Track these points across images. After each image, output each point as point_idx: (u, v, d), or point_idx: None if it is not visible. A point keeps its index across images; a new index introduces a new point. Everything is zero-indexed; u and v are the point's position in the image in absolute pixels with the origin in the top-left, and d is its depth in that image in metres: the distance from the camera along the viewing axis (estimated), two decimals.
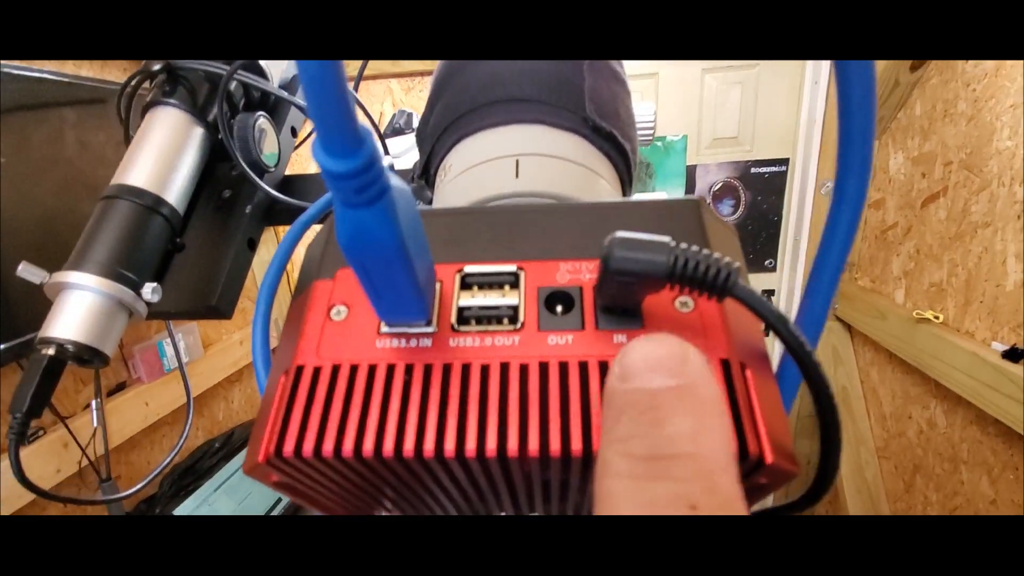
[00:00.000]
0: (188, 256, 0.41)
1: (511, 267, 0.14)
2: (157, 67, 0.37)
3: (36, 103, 1.01)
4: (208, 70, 0.39)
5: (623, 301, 0.12)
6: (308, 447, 0.12)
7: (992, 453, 1.02)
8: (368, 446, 0.11)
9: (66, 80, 1.07)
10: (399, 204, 0.10)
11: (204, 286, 0.40)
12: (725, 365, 0.12)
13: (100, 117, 1.13)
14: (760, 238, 1.64)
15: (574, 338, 0.12)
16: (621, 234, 0.11)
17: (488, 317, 0.13)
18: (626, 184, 0.27)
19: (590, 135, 0.24)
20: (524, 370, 0.12)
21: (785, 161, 1.57)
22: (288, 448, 0.12)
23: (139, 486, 0.40)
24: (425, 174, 0.29)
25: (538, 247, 0.14)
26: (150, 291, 0.34)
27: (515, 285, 0.14)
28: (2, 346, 0.86)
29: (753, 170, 1.59)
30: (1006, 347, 0.95)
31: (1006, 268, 0.97)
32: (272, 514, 1.44)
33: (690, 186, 1.60)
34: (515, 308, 0.13)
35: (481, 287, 0.14)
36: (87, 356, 0.32)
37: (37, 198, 0.97)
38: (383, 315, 0.12)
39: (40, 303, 0.35)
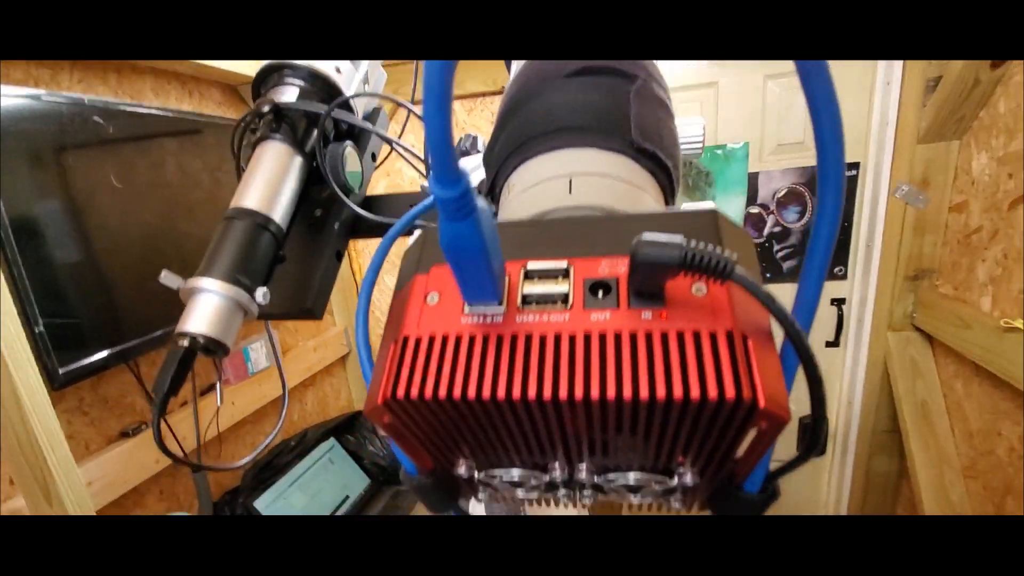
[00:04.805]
0: (287, 266, 0.48)
1: (563, 263, 0.18)
2: (267, 108, 0.45)
3: (142, 134, 1.13)
4: (307, 110, 0.46)
5: (648, 287, 0.16)
6: (415, 392, 0.16)
7: None
8: (457, 391, 0.16)
9: (169, 115, 1.21)
10: (483, 218, 0.14)
11: (300, 291, 0.47)
12: (729, 335, 0.15)
13: (196, 145, 1.26)
14: None
15: (611, 315, 0.16)
16: (646, 235, 0.15)
17: (545, 300, 0.17)
18: (668, 194, 0.30)
19: (635, 155, 0.28)
20: (572, 339, 0.16)
21: (856, 165, 1.52)
22: (400, 392, 0.16)
23: (248, 458, 0.47)
24: (491, 192, 0.34)
25: (584, 248, 0.18)
26: (261, 295, 0.41)
27: (566, 276, 0.18)
28: (107, 351, 0.98)
29: None
30: None
31: None
32: (339, 511, 1.52)
33: (752, 193, 1.58)
34: (566, 294, 0.17)
35: (540, 278, 0.18)
36: (213, 347, 0.39)
37: (142, 219, 1.10)
38: (467, 297, 0.17)
39: (141, 312, 0.41)
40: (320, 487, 1.53)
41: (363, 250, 1.89)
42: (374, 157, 0.56)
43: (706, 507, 0.23)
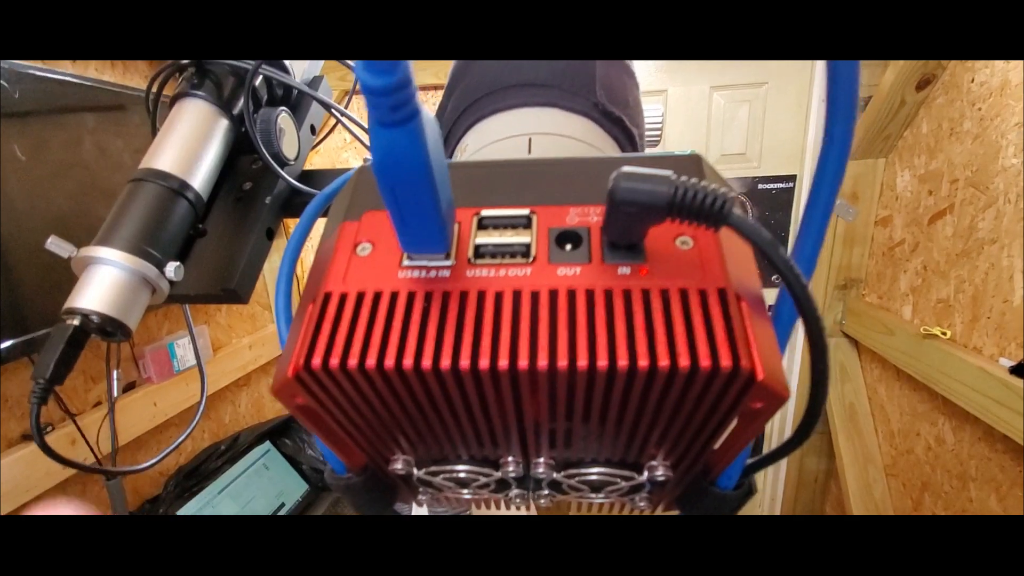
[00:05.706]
0: (209, 242, 0.42)
1: (524, 211, 0.15)
2: (187, 60, 0.39)
3: (56, 107, 1.03)
4: (235, 65, 0.41)
5: (627, 235, 0.13)
6: (335, 361, 0.13)
7: (1000, 470, 1.00)
8: (390, 361, 0.12)
9: (88, 84, 1.10)
10: (427, 129, 0.11)
11: (223, 270, 0.42)
12: (722, 293, 0.13)
13: (119, 123, 1.15)
14: None
15: (582, 270, 0.14)
16: (627, 168, 0.12)
17: (503, 252, 0.14)
18: None
19: (600, 119, 0.26)
20: (535, 296, 0.13)
21: (792, 178, 1.58)
22: (316, 362, 0.13)
23: (154, 460, 0.41)
24: None
25: (549, 194, 0.15)
26: (172, 269, 0.36)
27: (527, 226, 0.15)
28: (10, 342, 0.88)
29: (760, 186, 1.61)
30: (1013, 363, 0.95)
31: (1013, 284, 0.97)
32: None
33: None
34: (527, 245, 0.14)
35: (496, 228, 0.15)
36: (110, 328, 0.33)
37: (52, 200, 1.00)
38: (406, 243, 0.14)
39: (50, 300, 0.36)
40: (253, 494, 1.42)
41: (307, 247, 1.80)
42: (313, 129, 0.51)
43: (673, 507, 0.21)
